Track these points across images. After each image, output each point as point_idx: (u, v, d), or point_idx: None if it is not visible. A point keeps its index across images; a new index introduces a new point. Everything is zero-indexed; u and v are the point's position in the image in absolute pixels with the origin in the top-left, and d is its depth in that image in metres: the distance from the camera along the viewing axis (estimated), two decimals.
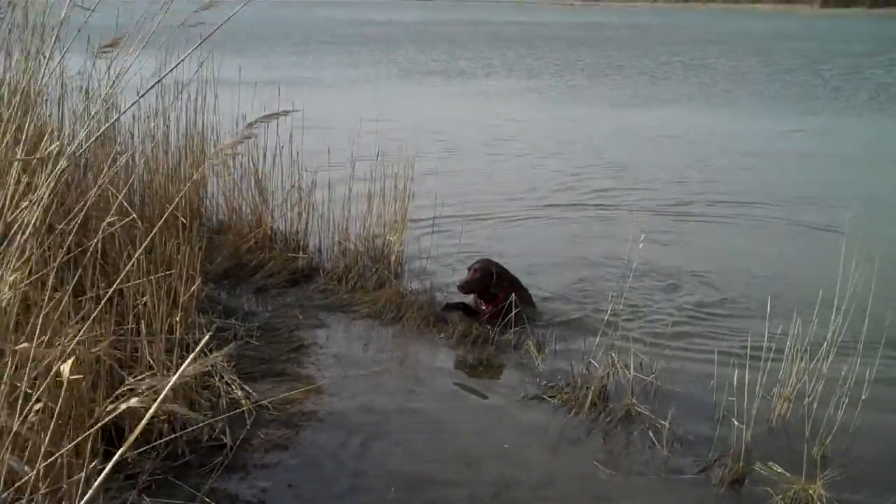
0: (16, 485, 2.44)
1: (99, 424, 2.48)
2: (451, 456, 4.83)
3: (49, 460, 2.52)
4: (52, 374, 2.69)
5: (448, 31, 57.51)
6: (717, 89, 25.98)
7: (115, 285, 3.58)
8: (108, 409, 2.07)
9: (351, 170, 7.86)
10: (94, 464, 2.80)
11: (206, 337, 1.98)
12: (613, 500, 4.47)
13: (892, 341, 5.95)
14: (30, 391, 2.75)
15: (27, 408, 2.60)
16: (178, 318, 5.04)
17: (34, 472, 2.39)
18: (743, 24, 77.28)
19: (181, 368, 1.96)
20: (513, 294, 6.48)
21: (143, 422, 1.75)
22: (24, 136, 4.06)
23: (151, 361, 4.80)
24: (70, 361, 2.08)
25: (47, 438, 2.35)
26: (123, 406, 2.01)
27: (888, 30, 70.67)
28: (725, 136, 17.54)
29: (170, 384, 1.80)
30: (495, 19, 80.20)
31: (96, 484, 1.67)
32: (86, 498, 1.76)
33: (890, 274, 5.91)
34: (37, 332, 2.95)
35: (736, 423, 4.86)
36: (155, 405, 1.80)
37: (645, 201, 11.25)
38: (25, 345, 2.49)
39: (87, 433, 2.49)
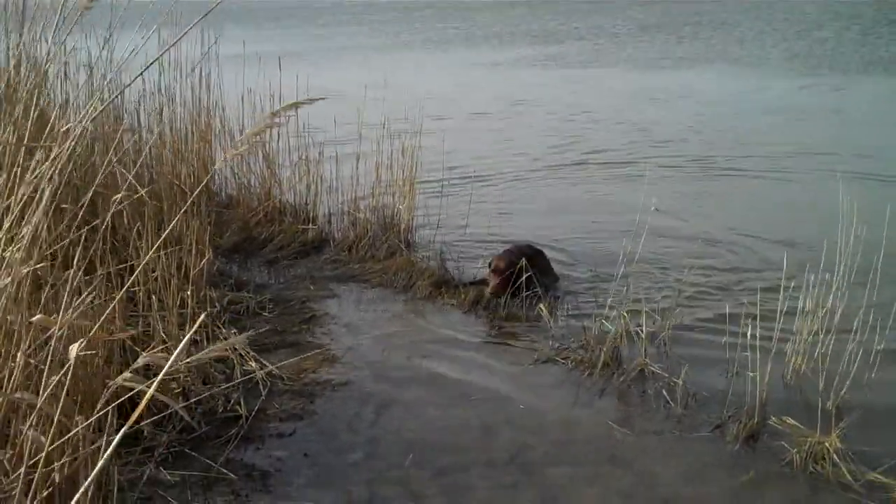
0: (36, 456, 2.46)
1: (105, 403, 2.49)
2: (466, 421, 4.84)
3: (69, 435, 2.55)
4: (62, 350, 2.71)
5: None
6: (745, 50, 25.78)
7: (123, 261, 3.59)
8: (114, 387, 2.08)
9: (358, 139, 7.84)
10: (107, 437, 2.82)
11: (202, 317, 1.98)
12: (629, 460, 4.47)
13: None
14: (44, 367, 2.77)
15: (42, 383, 2.62)
16: (189, 293, 5.05)
17: (49, 443, 2.41)
18: None
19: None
20: (522, 260, 6.44)
21: (143, 404, 1.76)
22: (31, 116, 4.06)
23: (164, 336, 4.82)
24: (78, 343, 2.09)
25: (58, 411, 2.36)
26: (120, 381, 2.02)
27: None
28: (750, 93, 17.48)
29: (165, 368, 1.81)
30: None
31: (105, 455, 1.68)
32: (97, 467, 1.77)
33: None
34: (47, 308, 2.96)
35: (750, 378, 4.84)
36: (152, 389, 1.81)
37: (661, 159, 11.37)
38: (39, 316, 2.50)
39: (100, 408, 2.50)
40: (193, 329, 1.95)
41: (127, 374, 2.04)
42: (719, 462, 4.45)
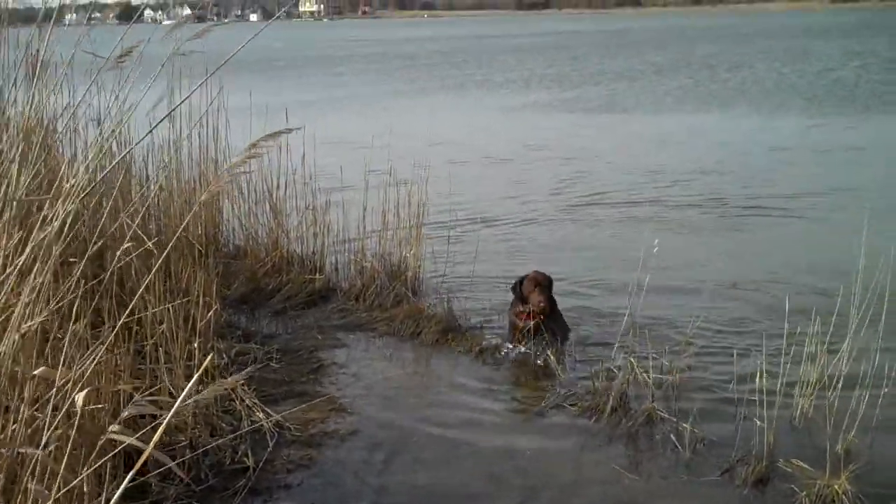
0: None
1: (101, 456, 2.50)
2: (474, 469, 4.83)
3: (69, 486, 2.56)
4: (68, 403, 2.73)
5: (474, 45, 58.09)
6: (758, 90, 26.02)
7: (130, 310, 3.62)
8: (112, 437, 2.10)
9: (365, 187, 7.90)
10: (107, 491, 2.84)
11: (207, 360, 2.00)
12: None
13: None
14: (50, 420, 2.80)
15: (46, 436, 2.64)
16: (196, 345, 5.08)
17: (53, 498, 2.42)
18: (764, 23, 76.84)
19: (181, 395, 1.98)
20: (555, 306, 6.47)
21: (142, 459, 1.78)
22: (32, 172, 4.13)
23: (171, 388, 4.84)
24: (84, 392, 2.12)
25: (63, 465, 2.38)
26: (110, 434, 2.03)
27: None
28: (760, 133, 17.63)
29: (170, 414, 1.83)
30: (518, 31, 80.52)
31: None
32: None
33: None
34: (52, 362, 2.99)
35: (758, 422, 4.83)
36: (155, 439, 1.83)
37: (670, 200, 11.46)
38: (43, 369, 2.53)
39: (98, 461, 2.51)
40: (199, 372, 1.97)
41: (115, 427, 2.06)
42: None
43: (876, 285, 5.35)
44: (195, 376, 1.95)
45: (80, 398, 2.35)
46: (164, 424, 1.95)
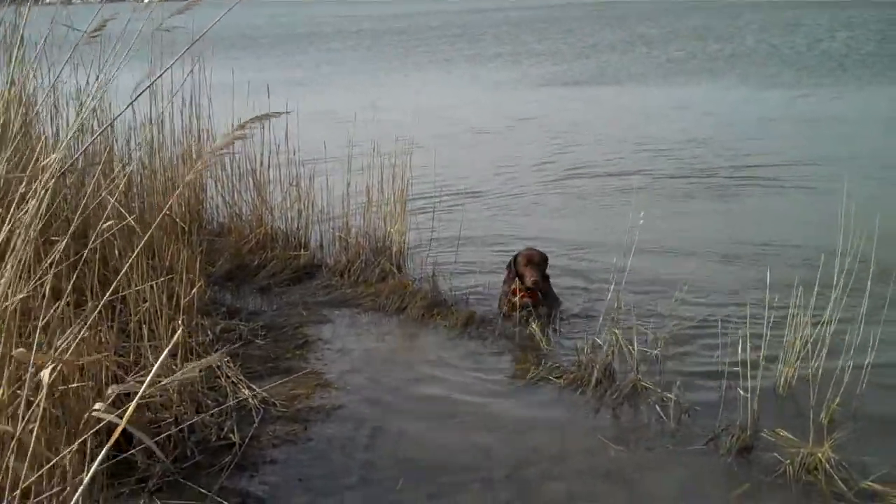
0: (20, 487, 2.47)
1: (83, 432, 2.50)
2: (461, 442, 4.84)
3: (51, 464, 2.55)
4: (50, 380, 2.72)
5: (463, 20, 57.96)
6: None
7: (114, 289, 3.60)
8: (94, 415, 2.09)
9: (348, 162, 7.87)
10: (94, 466, 2.83)
11: (178, 335, 1.99)
12: (623, 475, 4.48)
13: (895, 303, 5.93)
14: (32, 398, 2.79)
15: (27, 413, 2.63)
16: (180, 322, 5.06)
17: (36, 475, 2.42)
18: None
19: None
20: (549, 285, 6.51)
21: (115, 434, 1.77)
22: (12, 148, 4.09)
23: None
24: (49, 369, 2.11)
25: (44, 442, 2.38)
26: (93, 412, 2.03)
27: None
28: (747, 104, 17.67)
29: (141, 391, 1.82)
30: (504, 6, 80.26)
31: (85, 481, 1.69)
32: (78, 492, 1.78)
33: (890, 235, 5.88)
34: (35, 340, 2.98)
35: (742, 392, 4.86)
36: (127, 415, 1.83)
37: (657, 172, 11.53)
38: (21, 350, 2.52)
39: (82, 438, 2.51)
40: (171, 344, 1.96)
41: (99, 405, 2.06)
42: (714, 475, 4.46)
43: (858, 254, 5.35)
44: (164, 352, 1.94)
45: (45, 374, 2.34)
46: (135, 399, 1.94)
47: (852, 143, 13.25)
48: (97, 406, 2.15)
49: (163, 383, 1.94)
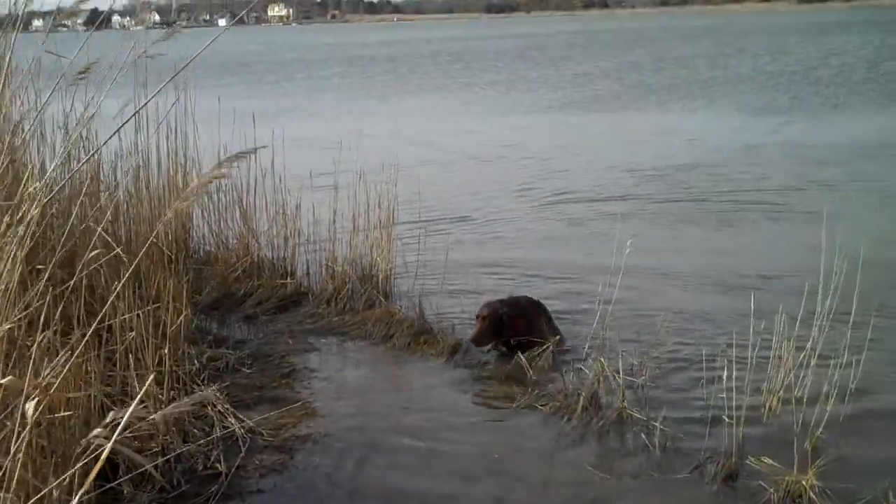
0: None
1: (76, 462, 2.50)
2: (446, 471, 4.85)
3: (39, 495, 2.55)
4: (39, 411, 2.72)
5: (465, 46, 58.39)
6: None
7: (100, 318, 3.61)
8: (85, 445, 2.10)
9: (335, 190, 7.89)
10: (82, 497, 2.83)
11: (150, 378, 2.01)
12: (609, 503, 4.49)
13: (878, 330, 5.97)
14: (18, 429, 2.78)
15: (15, 444, 2.63)
16: (166, 351, 5.06)
17: None
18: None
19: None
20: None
21: (101, 461, 1.78)
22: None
23: (142, 395, 4.81)
24: (34, 402, 2.12)
25: (30, 473, 2.38)
26: (91, 439, 2.04)
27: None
28: (733, 132, 17.86)
29: (124, 418, 1.83)
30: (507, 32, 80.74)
31: None
32: None
33: (874, 262, 5.94)
34: (20, 370, 2.98)
35: (727, 420, 4.89)
36: (110, 443, 1.84)
37: (644, 198, 11.63)
38: (9, 378, 2.52)
39: (73, 468, 2.51)
40: (152, 376, 1.97)
41: (98, 430, 2.06)
42: (699, 502, 4.48)
43: (841, 281, 5.39)
44: (149, 380, 1.95)
45: (30, 407, 2.35)
46: (123, 420, 1.95)
47: (839, 169, 13.36)
48: (96, 431, 2.15)
49: (156, 415, 1.94)
